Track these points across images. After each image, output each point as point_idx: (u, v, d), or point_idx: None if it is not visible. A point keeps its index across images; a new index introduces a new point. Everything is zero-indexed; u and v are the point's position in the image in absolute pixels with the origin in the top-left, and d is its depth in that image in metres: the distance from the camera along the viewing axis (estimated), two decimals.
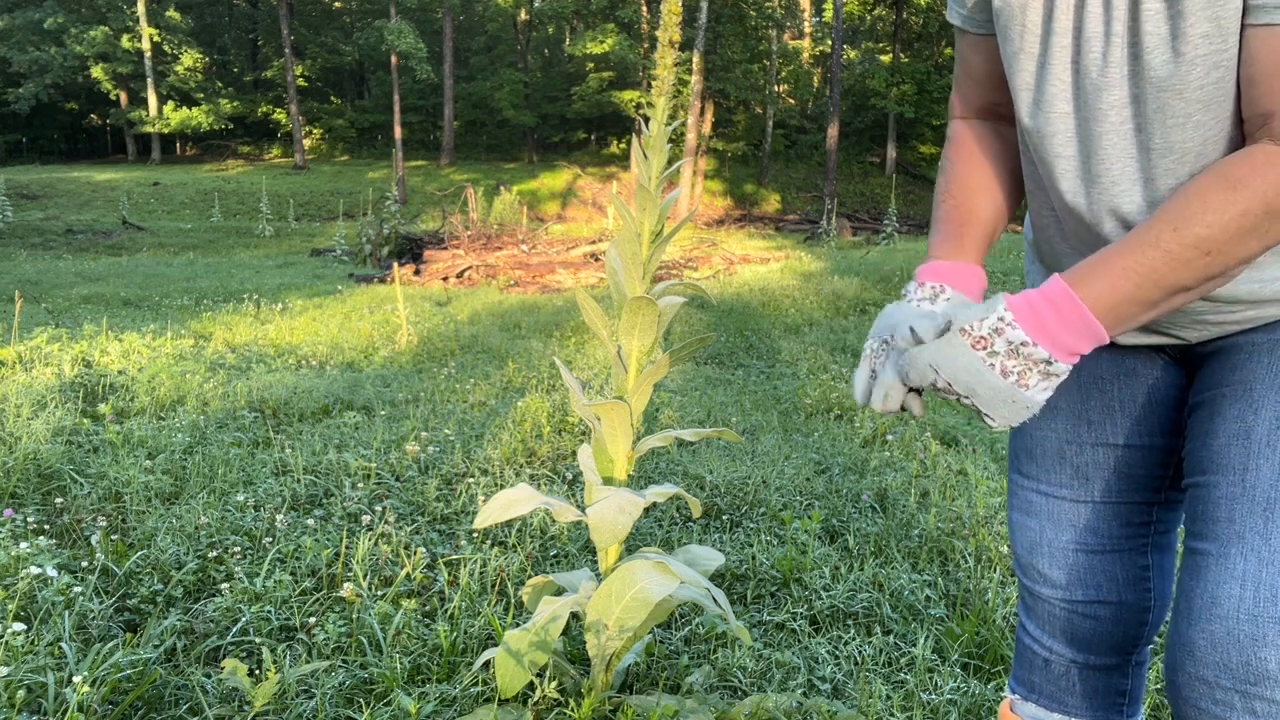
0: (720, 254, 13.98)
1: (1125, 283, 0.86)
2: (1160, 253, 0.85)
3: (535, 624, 1.68)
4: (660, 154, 1.63)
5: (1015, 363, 0.88)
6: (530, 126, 38.17)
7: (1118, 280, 0.86)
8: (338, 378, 5.17)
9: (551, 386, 5.01)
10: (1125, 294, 0.86)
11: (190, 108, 36.53)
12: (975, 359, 0.89)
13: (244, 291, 9.54)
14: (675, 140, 22.68)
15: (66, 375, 4.61)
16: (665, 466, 3.60)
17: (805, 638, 2.31)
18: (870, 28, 47.58)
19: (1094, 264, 0.88)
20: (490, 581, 2.46)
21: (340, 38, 40.87)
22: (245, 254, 16.95)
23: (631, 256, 1.64)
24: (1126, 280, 0.86)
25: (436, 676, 2.00)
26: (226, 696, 1.91)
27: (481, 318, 8.10)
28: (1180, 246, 0.84)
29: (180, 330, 6.73)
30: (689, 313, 8.28)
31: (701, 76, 29.14)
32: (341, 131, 40.56)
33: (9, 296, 8.16)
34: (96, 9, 35.65)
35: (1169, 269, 0.85)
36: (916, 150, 39.97)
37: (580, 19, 38.16)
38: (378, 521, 2.87)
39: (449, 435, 3.88)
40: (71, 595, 2.20)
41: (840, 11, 29.72)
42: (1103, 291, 0.87)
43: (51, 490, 3.11)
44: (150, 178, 30.57)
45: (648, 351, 1.65)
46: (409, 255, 13.58)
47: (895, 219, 17.51)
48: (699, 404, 4.73)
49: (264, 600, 2.28)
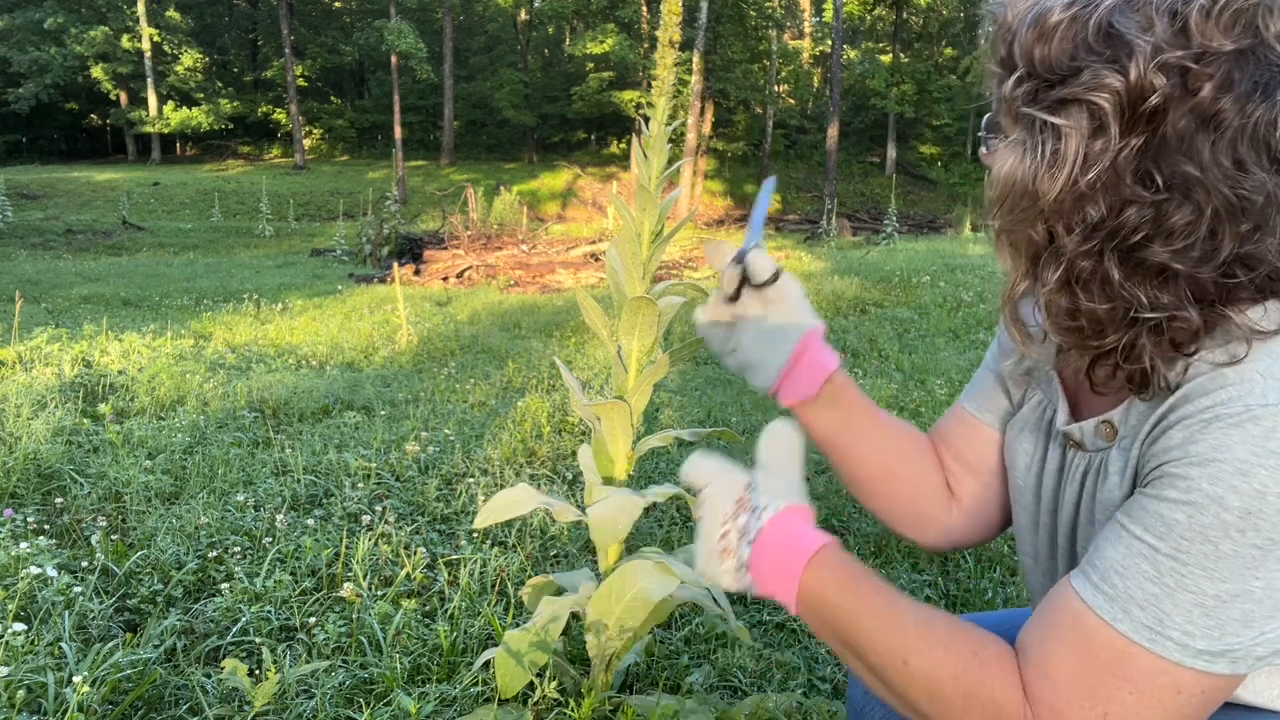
0: None
1: (847, 598, 0.86)
2: (871, 625, 0.85)
3: (535, 624, 1.67)
4: (660, 154, 1.63)
5: (730, 555, 0.90)
6: (530, 126, 38.18)
7: (844, 592, 0.86)
8: (338, 378, 5.17)
9: (551, 386, 5.01)
10: (838, 602, 0.86)
11: (190, 108, 36.53)
12: (718, 525, 0.91)
13: (244, 291, 9.54)
14: (675, 140, 22.68)
15: (66, 375, 4.61)
16: (665, 466, 3.60)
17: (805, 638, 2.31)
18: (870, 28, 47.58)
19: (852, 568, 0.88)
20: (490, 581, 2.46)
21: (340, 38, 40.86)
22: (245, 254, 16.94)
23: (631, 256, 1.64)
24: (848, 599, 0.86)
25: (436, 676, 2.00)
26: (226, 696, 1.91)
27: (481, 318, 8.10)
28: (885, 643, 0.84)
29: (180, 330, 6.73)
30: (689, 313, 8.26)
31: (701, 76, 29.14)
32: (341, 131, 40.57)
33: (9, 296, 8.15)
34: (96, 9, 35.64)
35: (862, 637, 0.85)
36: (916, 150, 39.97)
37: (580, 19, 38.16)
38: (378, 521, 2.87)
39: (449, 435, 3.88)
40: (71, 595, 2.20)
41: (840, 11, 29.72)
42: (832, 581, 0.86)
43: (51, 490, 3.11)
44: (150, 178, 30.57)
45: (648, 351, 1.65)
46: (409, 255, 13.58)
47: (895, 219, 17.50)
48: (699, 404, 4.73)
49: (264, 600, 2.28)
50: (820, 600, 0.87)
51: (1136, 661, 0.75)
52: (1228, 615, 0.73)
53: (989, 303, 8.13)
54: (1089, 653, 0.77)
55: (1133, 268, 0.78)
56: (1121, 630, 0.75)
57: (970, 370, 5.78)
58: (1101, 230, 0.78)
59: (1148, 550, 0.76)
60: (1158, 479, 0.77)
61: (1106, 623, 0.76)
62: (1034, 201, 0.80)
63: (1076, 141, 0.77)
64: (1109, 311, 0.80)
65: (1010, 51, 0.82)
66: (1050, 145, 0.78)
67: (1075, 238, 0.79)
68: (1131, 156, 0.75)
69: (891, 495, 1.13)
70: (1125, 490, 0.85)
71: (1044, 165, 0.78)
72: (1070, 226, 0.79)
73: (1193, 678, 0.74)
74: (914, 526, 1.14)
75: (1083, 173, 0.77)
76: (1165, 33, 0.73)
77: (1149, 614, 0.75)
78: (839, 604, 0.86)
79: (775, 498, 0.91)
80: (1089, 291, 0.80)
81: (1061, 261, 0.80)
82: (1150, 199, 0.75)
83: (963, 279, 9.33)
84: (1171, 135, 0.74)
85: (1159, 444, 0.79)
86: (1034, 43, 0.79)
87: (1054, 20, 0.78)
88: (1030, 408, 1.04)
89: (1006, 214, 0.84)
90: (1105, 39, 0.76)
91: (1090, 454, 0.91)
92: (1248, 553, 0.72)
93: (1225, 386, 0.76)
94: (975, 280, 9.18)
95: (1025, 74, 0.80)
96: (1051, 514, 0.98)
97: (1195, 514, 0.73)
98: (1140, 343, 0.79)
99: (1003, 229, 0.85)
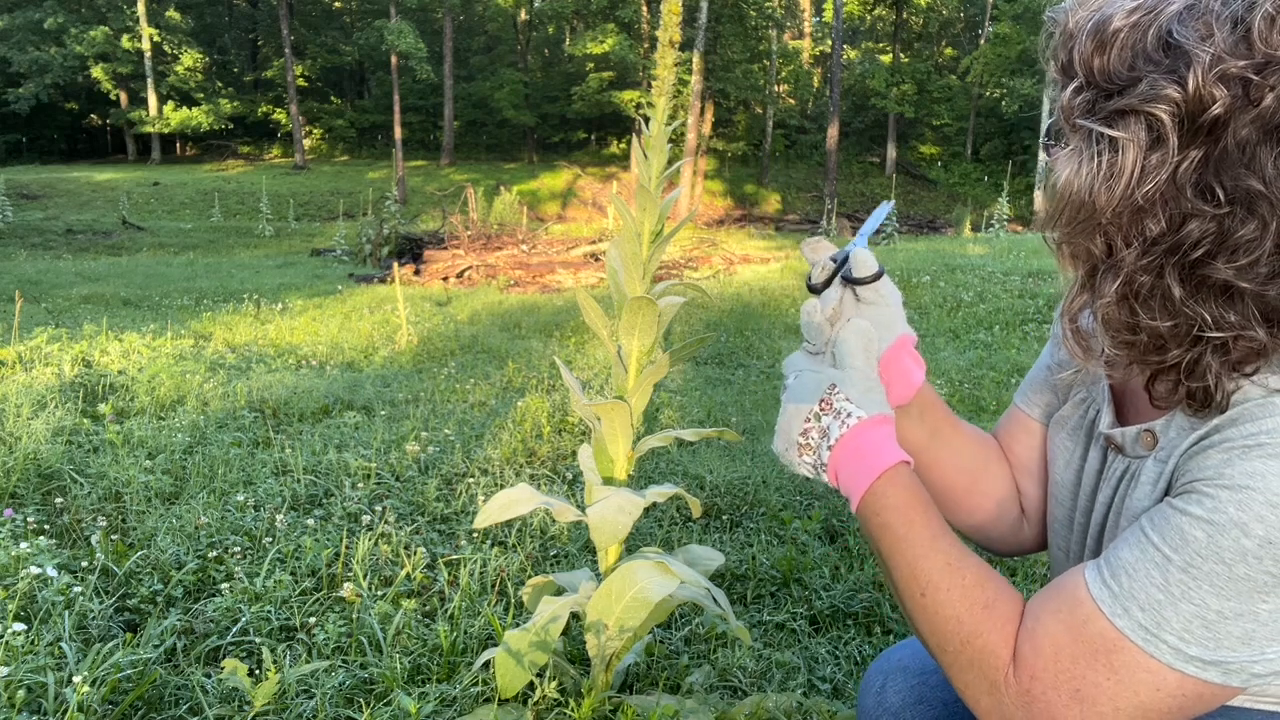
0: (720, 254, 13.98)
1: (898, 520, 0.89)
2: (908, 553, 0.88)
3: (535, 624, 1.67)
4: (660, 154, 1.63)
5: (809, 451, 0.95)
6: (530, 126, 38.18)
7: (897, 515, 0.90)
8: (338, 378, 5.17)
9: (551, 386, 5.01)
10: (889, 521, 0.90)
11: (190, 108, 36.51)
12: (800, 421, 0.95)
13: (244, 291, 9.54)
14: (675, 140, 22.68)
15: (66, 375, 4.61)
16: (665, 466, 3.60)
17: (805, 638, 2.31)
18: (870, 28, 47.60)
19: (914, 496, 0.91)
20: (490, 581, 2.46)
21: (340, 38, 40.85)
22: (245, 254, 16.94)
23: (631, 256, 1.64)
24: (898, 522, 0.89)
25: (436, 676, 2.00)
26: (226, 696, 1.91)
27: (481, 318, 8.10)
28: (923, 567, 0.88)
29: (180, 330, 6.73)
30: (689, 313, 8.28)
31: (701, 76, 29.14)
32: (341, 131, 40.55)
33: (9, 296, 8.15)
34: (96, 9, 35.64)
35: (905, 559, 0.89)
36: (916, 150, 39.96)
37: (580, 19, 38.16)
38: (378, 521, 2.87)
39: (449, 435, 3.88)
40: (71, 595, 2.20)
41: (840, 11, 29.72)
42: (891, 503, 0.90)
43: (51, 490, 3.11)
44: (150, 178, 30.56)
45: (648, 351, 1.65)
46: (409, 255, 13.58)
47: (895, 219, 17.50)
48: (699, 404, 4.73)
49: (264, 600, 2.28)
50: (876, 513, 0.90)
51: (1124, 654, 0.76)
52: (1228, 630, 0.74)
53: (989, 303, 8.13)
54: (1079, 635, 0.79)
55: (1195, 284, 0.76)
56: (1118, 625, 0.77)
57: (970, 370, 5.78)
58: (1161, 244, 0.76)
59: (1160, 559, 0.76)
60: (1186, 493, 0.78)
61: (1104, 615, 0.78)
62: (1091, 214, 0.79)
63: (1134, 154, 0.75)
64: (1171, 329, 0.78)
65: (1070, 59, 0.80)
66: (1107, 157, 0.77)
67: (1134, 251, 0.78)
68: (1191, 169, 0.74)
69: (975, 508, 1.13)
70: (1154, 500, 0.85)
71: (1101, 177, 0.77)
72: (1129, 240, 0.78)
73: (1177, 680, 0.75)
74: (1000, 539, 1.15)
75: (1140, 185, 0.75)
76: (1226, 42, 0.72)
77: (1148, 616, 0.75)
78: (889, 523, 0.89)
79: (860, 405, 0.93)
80: (1149, 307, 0.79)
81: (1120, 275, 0.79)
82: (1212, 213, 0.74)
83: (963, 279, 9.33)
84: (1233, 147, 0.73)
85: (1195, 461, 0.79)
86: (1093, 52, 0.78)
87: (1113, 28, 0.76)
88: (1073, 405, 1.04)
89: (1064, 225, 0.82)
90: (1164, 48, 0.74)
91: (1129, 459, 0.92)
92: (1261, 578, 0.72)
93: (1274, 416, 0.75)
94: (975, 280, 9.18)
95: (1084, 83, 0.79)
96: (1086, 514, 0.99)
97: (1216, 535, 0.73)
98: (1205, 361, 0.78)
99: (1061, 240, 0.84)
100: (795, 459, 0.96)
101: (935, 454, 1.10)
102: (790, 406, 0.96)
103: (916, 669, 1.17)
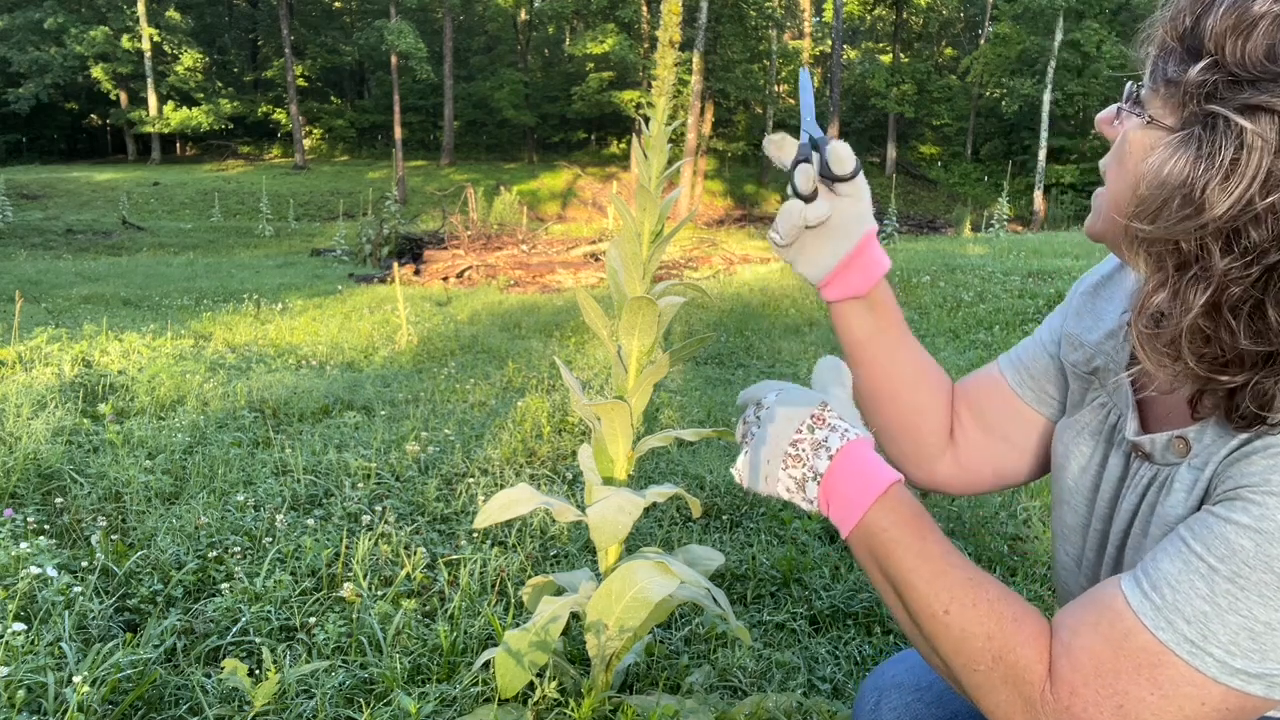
0: (720, 254, 13.98)
1: (910, 535, 0.85)
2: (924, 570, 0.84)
3: (535, 624, 1.67)
4: (660, 154, 1.63)
5: (798, 463, 0.89)
6: (530, 126, 38.18)
7: (908, 530, 0.85)
8: (338, 378, 5.17)
9: (551, 386, 5.01)
10: (899, 537, 0.85)
11: (190, 108, 36.52)
12: (791, 430, 0.89)
13: (244, 291, 9.54)
14: (675, 140, 22.71)
15: (66, 375, 4.61)
16: (665, 466, 3.60)
17: (805, 638, 2.31)
18: (870, 28, 47.62)
19: (920, 511, 0.87)
20: (490, 581, 2.46)
21: (340, 38, 40.85)
22: (245, 254, 16.94)
23: (631, 256, 1.64)
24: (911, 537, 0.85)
25: (436, 676, 2.00)
26: (226, 696, 1.91)
27: (481, 318, 8.10)
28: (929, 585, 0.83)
29: (180, 330, 6.73)
30: (689, 313, 8.27)
31: (701, 76, 29.14)
32: (341, 131, 40.56)
33: (9, 296, 8.15)
34: (96, 9, 35.64)
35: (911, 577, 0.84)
36: (916, 150, 39.97)
37: (580, 19, 38.17)
38: (378, 521, 2.87)
39: (449, 435, 3.88)
40: (71, 595, 2.20)
41: (840, 11, 29.73)
42: (903, 516, 0.86)
43: (51, 490, 3.11)
44: (150, 178, 30.57)
45: (648, 351, 1.65)
46: (409, 255, 13.59)
47: (895, 219, 17.50)
48: (699, 404, 4.73)
49: (264, 600, 2.28)
50: (884, 529, 0.85)
51: (1168, 669, 0.74)
52: (1275, 642, 0.71)
53: (989, 303, 8.13)
54: (1120, 649, 0.76)
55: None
56: (1162, 639, 0.74)
57: (970, 369, 5.77)
58: (1267, 259, 0.69)
59: (1206, 570, 0.74)
60: (1229, 500, 0.75)
61: (1147, 628, 0.75)
62: (1197, 213, 0.71)
63: (1260, 156, 0.67)
64: (1253, 349, 0.72)
65: (1199, 28, 0.72)
66: (1229, 153, 0.69)
67: (1234, 262, 0.70)
68: None
69: (894, 415, 1.12)
70: (1190, 507, 0.82)
71: (1217, 175, 0.69)
72: (1230, 248, 0.70)
73: (1222, 693, 0.73)
74: (904, 454, 1.14)
75: (1261, 193, 0.68)
76: None
77: (1194, 629, 0.73)
78: (899, 539, 0.84)
79: (852, 424, 0.90)
80: (1235, 324, 0.72)
81: (1211, 284, 0.72)
82: None
83: (963, 279, 9.33)
84: None
85: (1238, 467, 0.76)
86: (1230, 30, 0.70)
87: (1258, 10, 0.69)
88: (1092, 410, 1.00)
89: (1156, 218, 0.74)
90: None
91: (1158, 466, 0.88)
92: None
93: None
94: (975, 280, 9.18)
95: (1213, 62, 0.71)
96: (1105, 520, 0.96)
97: (1264, 543, 0.71)
98: (1272, 385, 0.73)
99: (1148, 236, 0.75)
100: (776, 472, 0.88)
101: (874, 351, 1.09)
102: (781, 411, 0.90)
103: (910, 685, 1.16)
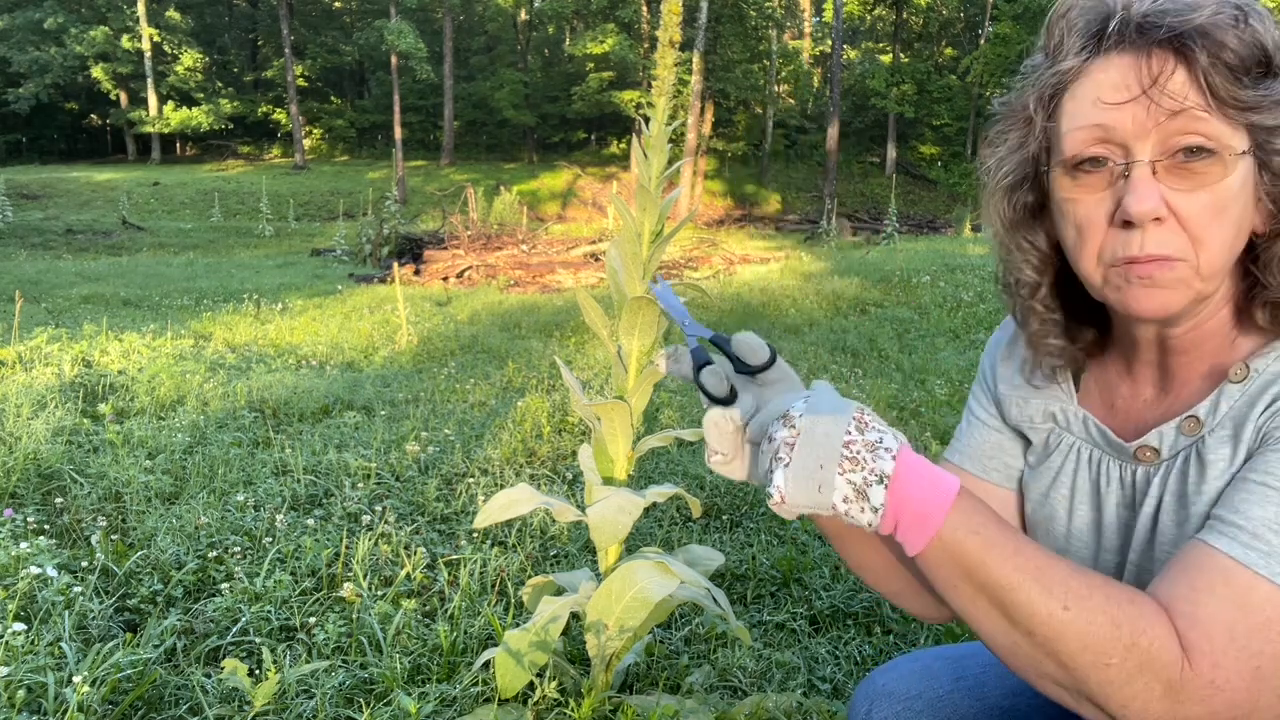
0: (720, 254, 13.98)
1: (1001, 534, 0.77)
2: (1029, 568, 0.76)
3: (535, 624, 1.68)
4: (660, 154, 1.63)
5: (858, 467, 0.76)
6: (530, 126, 38.18)
7: (998, 528, 0.77)
8: (338, 378, 5.17)
9: (551, 386, 5.01)
10: (993, 537, 0.77)
11: (190, 108, 36.53)
12: (840, 430, 0.77)
13: (244, 291, 9.54)
14: (675, 140, 22.66)
15: (66, 375, 4.61)
16: (665, 466, 3.60)
17: (805, 638, 2.31)
18: (870, 28, 47.62)
19: (988, 508, 0.79)
20: (490, 581, 2.46)
21: (340, 38, 40.87)
22: (245, 254, 16.94)
23: (631, 256, 1.64)
24: (1004, 535, 0.77)
25: (436, 676, 2.00)
26: (226, 696, 1.91)
27: (481, 318, 8.10)
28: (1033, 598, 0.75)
29: (180, 330, 6.73)
30: (689, 312, 8.26)
31: (701, 76, 29.13)
32: (341, 131, 40.57)
33: (9, 296, 8.15)
34: (96, 9, 35.65)
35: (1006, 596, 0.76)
36: (916, 150, 39.95)
37: (580, 19, 38.17)
38: (378, 521, 2.87)
39: (449, 435, 3.88)
40: (71, 595, 2.20)
41: (840, 11, 29.72)
42: (989, 514, 0.78)
43: (51, 490, 3.11)
44: (150, 178, 30.56)
45: (648, 351, 1.65)
46: (409, 255, 13.58)
47: (895, 219, 17.51)
48: (699, 404, 4.72)
49: (264, 600, 2.28)
50: (967, 536, 0.76)
51: None
52: None
53: (989, 303, 8.13)
54: (1246, 606, 0.74)
55: None
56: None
57: (970, 370, 5.77)
58: None
59: None
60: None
61: (1265, 578, 0.74)
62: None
63: None
64: None
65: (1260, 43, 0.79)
66: None
67: None
68: None
69: (908, 575, 1.00)
70: (1239, 465, 0.83)
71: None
72: None
73: None
74: (897, 593, 1.03)
75: None
76: None
77: None
78: (994, 540, 0.76)
79: None
80: None
81: None
82: None
83: (963, 279, 9.33)
84: None
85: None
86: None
87: None
88: (1060, 454, 1.00)
89: None
90: None
91: (1167, 460, 0.89)
92: None
93: None
94: (975, 280, 9.18)
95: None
96: (1120, 536, 0.96)
97: None
98: None
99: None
100: (832, 478, 0.75)
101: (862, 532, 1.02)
102: (826, 418, 0.77)
103: (901, 694, 1.15)
